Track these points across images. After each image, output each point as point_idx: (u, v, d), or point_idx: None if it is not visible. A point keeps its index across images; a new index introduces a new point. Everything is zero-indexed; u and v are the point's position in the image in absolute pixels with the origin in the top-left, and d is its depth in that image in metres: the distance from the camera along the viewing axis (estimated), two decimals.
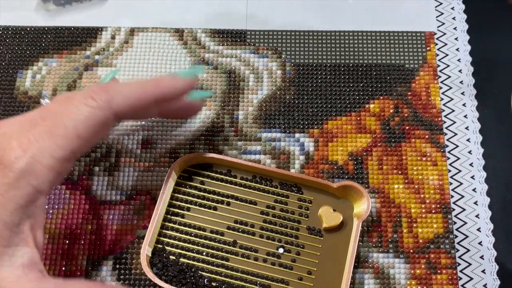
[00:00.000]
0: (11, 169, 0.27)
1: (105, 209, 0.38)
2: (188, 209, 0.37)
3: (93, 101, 0.30)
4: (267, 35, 0.44)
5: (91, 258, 0.37)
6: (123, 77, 0.43)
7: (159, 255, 0.36)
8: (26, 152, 0.28)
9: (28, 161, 0.28)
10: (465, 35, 0.44)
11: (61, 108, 0.30)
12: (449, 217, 0.38)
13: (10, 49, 0.44)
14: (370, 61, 0.43)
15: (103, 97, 0.30)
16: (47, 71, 0.43)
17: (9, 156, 0.28)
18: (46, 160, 0.28)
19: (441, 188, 0.39)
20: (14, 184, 0.27)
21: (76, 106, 0.30)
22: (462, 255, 0.37)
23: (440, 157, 0.40)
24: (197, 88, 0.42)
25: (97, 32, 0.44)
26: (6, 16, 0.45)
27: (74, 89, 0.42)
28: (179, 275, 0.35)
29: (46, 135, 0.28)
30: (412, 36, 0.44)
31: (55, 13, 0.45)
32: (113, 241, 0.37)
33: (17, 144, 0.28)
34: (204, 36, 0.44)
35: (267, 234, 0.37)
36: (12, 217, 0.27)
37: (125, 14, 0.45)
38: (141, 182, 0.39)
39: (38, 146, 0.28)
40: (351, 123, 0.41)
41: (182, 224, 0.37)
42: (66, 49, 0.44)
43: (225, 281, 0.35)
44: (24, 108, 0.41)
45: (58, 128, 0.29)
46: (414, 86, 0.42)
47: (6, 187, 0.27)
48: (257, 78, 0.43)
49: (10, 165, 0.28)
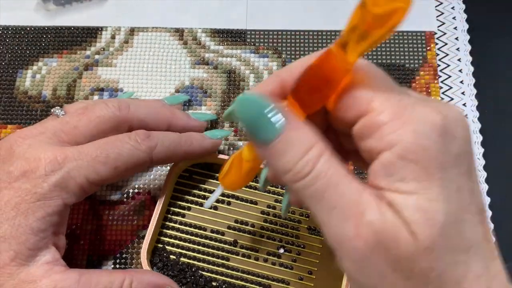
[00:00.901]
0: (45, 180, 0.29)
1: (105, 209, 0.38)
2: (188, 208, 0.37)
3: (137, 143, 0.32)
4: (267, 35, 0.44)
5: (91, 258, 0.37)
6: (123, 77, 0.43)
7: (160, 255, 0.36)
8: (62, 167, 0.30)
9: (64, 176, 0.30)
10: (465, 34, 0.44)
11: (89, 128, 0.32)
12: None
13: (10, 49, 0.44)
14: (370, 61, 0.43)
15: (147, 143, 0.32)
16: (47, 71, 0.43)
17: (43, 167, 0.30)
18: (80, 179, 0.30)
19: None
20: (46, 195, 0.29)
21: (120, 141, 0.32)
22: None
23: None
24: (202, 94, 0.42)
25: (97, 32, 0.44)
26: (6, 16, 0.45)
27: (74, 89, 0.42)
28: (180, 275, 0.35)
29: (87, 156, 0.31)
30: (412, 35, 0.44)
31: (55, 13, 0.45)
32: (113, 241, 0.37)
33: (53, 157, 0.30)
34: (204, 36, 0.44)
35: (268, 234, 0.37)
36: (39, 223, 0.29)
37: (125, 14, 0.45)
38: (141, 182, 0.39)
39: (76, 164, 0.30)
40: None
41: (183, 224, 0.37)
42: (66, 48, 0.44)
43: (225, 281, 0.35)
44: (24, 108, 0.41)
45: (101, 154, 0.31)
46: (414, 86, 0.42)
47: (38, 197, 0.29)
48: (257, 78, 0.43)
49: (45, 177, 0.30)
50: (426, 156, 0.20)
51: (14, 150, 0.31)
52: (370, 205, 0.21)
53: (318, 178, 0.22)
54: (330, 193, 0.21)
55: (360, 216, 0.21)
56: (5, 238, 0.29)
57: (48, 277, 0.29)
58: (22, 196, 0.29)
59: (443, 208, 0.20)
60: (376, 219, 0.20)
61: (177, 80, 0.43)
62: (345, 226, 0.21)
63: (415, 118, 0.21)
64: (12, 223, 0.29)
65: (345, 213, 0.21)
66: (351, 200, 0.21)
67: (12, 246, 0.28)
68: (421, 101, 0.22)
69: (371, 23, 0.20)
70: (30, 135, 0.31)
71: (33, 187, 0.29)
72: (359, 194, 0.21)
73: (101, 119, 0.33)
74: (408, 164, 0.20)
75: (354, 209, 0.21)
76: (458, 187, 0.21)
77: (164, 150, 0.33)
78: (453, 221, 0.20)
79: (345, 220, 0.21)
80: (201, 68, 0.43)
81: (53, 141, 0.31)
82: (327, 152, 0.22)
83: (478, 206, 0.22)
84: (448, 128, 0.21)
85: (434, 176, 0.20)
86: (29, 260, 0.29)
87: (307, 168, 0.22)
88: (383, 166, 0.21)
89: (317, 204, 0.22)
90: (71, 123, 0.32)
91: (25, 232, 0.29)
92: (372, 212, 0.21)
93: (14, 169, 0.30)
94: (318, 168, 0.22)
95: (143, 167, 0.33)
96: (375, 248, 0.21)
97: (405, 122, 0.21)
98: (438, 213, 0.20)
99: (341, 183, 0.21)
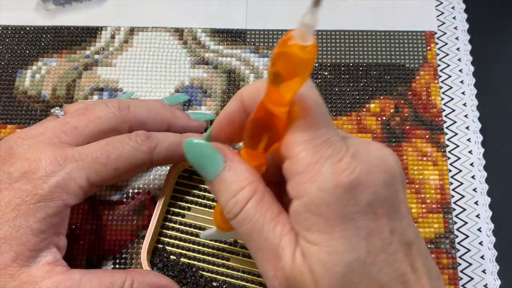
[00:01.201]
0: (46, 181, 0.29)
1: (104, 209, 0.38)
2: (188, 209, 0.37)
3: (137, 144, 0.32)
4: (267, 35, 0.44)
5: (91, 258, 0.37)
6: (122, 76, 0.43)
7: (160, 255, 0.35)
8: (63, 168, 0.30)
9: (65, 177, 0.30)
10: (465, 34, 0.44)
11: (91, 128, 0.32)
12: (450, 217, 0.38)
13: (9, 49, 0.44)
14: (370, 60, 0.43)
15: (147, 144, 0.32)
16: (47, 71, 0.43)
17: (44, 168, 0.30)
18: (80, 180, 0.30)
19: (442, 188, 0.39)
20: (47, 196, 0.29)
21: (121, 142, 0.32)
22: (463, 255, 0.37)
23: (440, 157, 0.40)
24: (200, 92, 0.42)
25: (97, 31, 0.44)
26: (5, 16, 0.45)
27: (73, 88, 0.42)
28: (180, 275, 0.35)
29: (87, 157, 0.30)
30: (412, 35, 0.44)
31: (54, 13, 0.45)
32: (112, 241, 0.37)
33: (54, 158, 0.30)
34: (204, 36, 0.44)
35: None
36: (39, 225, 0.29)
37: (124, 14, 0.45)
38: (141, 182, 0.39)
39: (76, 165, 0.30)
40: (351, 123, 0.41)
41: (183, 224, 0.37)
42: (66, 48, 0.44)
43: (226, 281, 0.35)
44: (24, 108, 0.41)
45: (101, 155, 0.31)
46: (414, 86, 0.42)
47: (38, 198, 0.29)
48: (257, 78, 0.43)
49: (45, 178, 0.29)
50: (328, 211, 0.22)
51: (14, 151, 0.31)
52: (285, 251, 0.23)
53: (245, 221, 0.24)
54: (255, 236, 0.24)
55: (277, 260, 0.23)
56: (6, 239, 0.29)
57: (50, 278, 0.29)
58: (22, 197, 0.29)
59: (343, 259, 0.22)
60: (288, 264, 0.23)
61: (177, 80, 0.42)
62: (267, 267, 0.24)
63: (323, 174, 0.22)
64: (13, 224, 0.29)
65: (267, 256, 0.24)
66: (272, 244, 0.23)
67: (13, 247, 0.28)
68: (336, 154, 0.22)
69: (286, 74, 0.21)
70: (30, 135, 0.31)
71: (34, 188, 0.29)
72: (279, 239, 0.23)
73: (101, 120, 0.32)
74: (312, 216, 0.22)
75: (273, 253, 0.23)
76: (369, 233, 0.22)
77: (164, 151, 0.33)
78: (358, 268, 0.22)
79: (267, 261, 0.24)
80: (201, 68, 0.43)
81: (53, 141, 0.31)
82: (258, 194, 0.24)
83: (402, 242, 0.23)
84: (355, 182, 0.22)
85: (336, 229, 0.22)
86: (30, 261, 0.29)
87: (236, 208, 0.24)
88: (293, 213, 0.23)
89: (247, 243, 0.24)
90: (71, 124, 0.32)
91: (26, 233, 0.29)
92: (285, 258, 0.23)
93: (14, 170, 0.30)
94: (245, 212, 0.24)
95: (143, 167, 0.33)
96: None
97: (313, 176, 0.22)
98: (337, 265, 0.22)
99: (265, 228, 0.24)
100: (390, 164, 0.23)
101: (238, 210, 0.24)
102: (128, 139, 0.32)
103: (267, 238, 0.24)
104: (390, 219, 0.23)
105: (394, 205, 0.23)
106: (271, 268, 0.24)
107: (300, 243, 0.23)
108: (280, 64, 0.21)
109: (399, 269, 0.23)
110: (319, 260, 0.22)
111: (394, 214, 0.23)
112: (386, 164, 0.23)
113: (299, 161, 0.23)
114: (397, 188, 0.23)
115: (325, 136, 0.23)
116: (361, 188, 0.22)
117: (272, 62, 0.21)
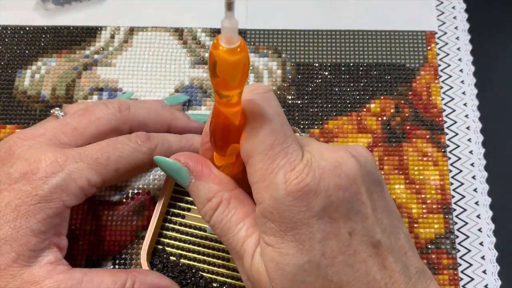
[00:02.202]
0: (46, 182, 0.29)
1: (104, 210, 0.38)
2: (188, 209, 0.37)
3: (137, 145, 0.32)
4: (267, 35, 0.44)
5: (91, 258, 0.37)
6: (122, 76, 0.42)
7: (159, 256, 0.35)
8: (63, 169, 0.30)
9: (65, 177, 0.30)
10: (466, 34, 0.44)
11: (91, 128, 0.32)
12: (450, 217, 0.38)
13: (9, 49, 0.43)
14: (371, 60, 0.43)
15: (147, 145, 0.32)
16: (46, 71, 0.43)
17: (44, 169, 0.30)
18: (80, 181, 0.30)
19: (442, 188, 0.39)
20: (47, 197, 0.29)
21: (121, 143, 0.32)
22: (463, 256, 0.37)
23: (441, 157, 0.40)
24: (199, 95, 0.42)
25: (96, 31, 0.44)
26: (5, 15, 0.45)
27: (73, 88, 0.42)
28: (180, 276, 0.35)
29: (87, 158, 0.30)
30: (413, 35, 0.44)
31: (54, 13, 0.45)
32: (112, 241, 0.37)
33: (54, 158, 0.30)
34: (204, 36, 0.44)
35: None
36: (39, 225, 0.29)
37: (124, 14, 0.45)
38: (141, 183, 0.39)
39: (77, 166, 0.30)
40: (351, 123, 0.41)
41: (183, 225, 0.36)
42: (65, 48, 0.44)
43: (226, 282, 0.35)
44: (23, 108, 0.41)
45: (101, 156, 0.31)
46: (415, 86, 0.42)
47: (38, 199, 0.29)
48: (257, 78, 0.42)
49: (45, 178, 0.29)
50: (280, 217, 0.24)
51: (14, 152, 0.31)
52: (247, 253, 0.26)
53: (215, 226, 0.27)
54: (225, 239, 0.27)
55: (241, 260, 0.26)
56: (6, 240, 0.28)
57: (51, 277, 0.29)
58: (22, 198, 0.29)
59: (294, 261, 0.24)
60: (248, 263, 0.26)
61: (177, 80, 0.42)
62: (236, 264, 0.27)
63: (275, 183, 0.24)
64: (13, 225, 0.29)
65: (235, 255, 0.27)
66: (236, 246, 0.26)
67: (14, 248, 0.28)
68: (290, 164, 0.24)
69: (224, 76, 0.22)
70: (30, 136, 0.31)
71: (34, 189, 0.29)
72: (242, 241, 0.26)
73: (101, 121, 0.32)
74: (268, 222, 0.24)
75: (238, 253, 0.26)
76: (324, 236, 0.24)
77: (164, 152, 0.33)
78: (312, 269, 0.24)
79: (235, 259, 0.27)
80: (201, 67, 0.43)
81: (53, 142, 0.31)
82: (224, 202, 0.27)
83: (365, 242, 0.24)
84: (307, 189, 0.24)
85: (287, 233, 0.24)
86: (31, 261, 0.29)
87: (206, 217, 0.28)
88: (256, 216, 0.25)
89: (222, 242, 0.28)
90: (71, 125, 0.32)
91: (26, 234, 0.29)
92: (246, 258, 0.26)
93: (14, 170, 0.30)
94: (214, 219, 0.27)
95: (143, 168, 0.33)
96: (251, 286, 0.26)
97: (267, 185, 0.24)
98: (288, 266, 0.24)
99: (230, 232, 0.27)
100: (345, 167, 0.24)
101: (208, 218, 0.27)
102: (128, 140, 0.32)
103: (232, 241, 0.26)
104: (348, 221, 0.24)
105: (353, 207, 0.24)
106: (239, 266, 0.27)
107: (260, 243, 0.25)
108: (216, 68, 0.22)
109: (361, 269, 0.24)
110: (272, 260, 0.24)
111: (353, 216, 0.24)
112: (340, 167, 0.24)
113: (256, 171, 0.25)
114: (356, 189, 0.24)
115: (282, 146, 0.24)
116: (313, 194, 0.24)
117: (209, 65, 0.22)
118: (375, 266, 0.24)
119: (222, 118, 0.25)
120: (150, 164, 0.33)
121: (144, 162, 0.32)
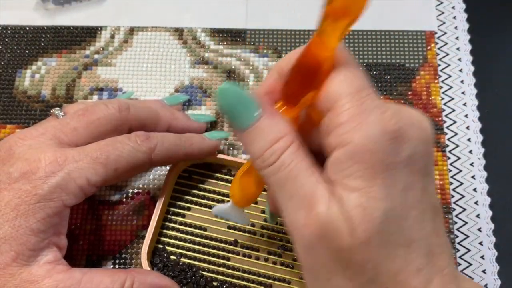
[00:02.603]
0: (45, 182, 0.29)
1: (104, 209, 0.38)
2: (188, 208, 0.37)
3: (137, 144, 0.32)
4: (267, 34, 0.44)
5: (91, 258, 0.37)
6: (122, 76, 0.42)
7: (160, 255, 0.35)
8: (62, 168, 0.30)
9: (64, 177, 0.30)
10: (465, 34, 0.44)
11: (91, 129, 0.32)
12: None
13: (9, 49, 0.43)
14: (370, 60, 0.43)
15: (147, 144, 0.32)
16: (46, 71, 0.43)
17: (43, 168, 0.30)
18: (80, 180, 0.30)
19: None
20: (46, 197, 0.29)
21: (120, 142, 0.32)
22: (463, 255, 0.37)
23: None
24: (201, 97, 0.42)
25: (97, 31, 0.44)
26: (5, 15, 0.45)
27: (73, 88, 0.42)
28: (180, 275, 0.35)
29: (87, 158, 0.30)
30: (412, 35, 0.44)
31: (54, 13, 0.45)
32: (112, 241, 0.37)
33: (53, 158, 0.30)
34: (204, 36, 0.44)
35: (268, 233, 0.36)
36: (39, 225, 0.29)
37: (124, 14, 0.45)
38: (141, 182, 0.39)
39: (76, 166, 0.30)
40: None
41: (183, 224, 0.37)
42: (65, 48, 0.44)
43: (226, 281, 0.35)
44: (23, 108, 0.41)
45: (101, 156, 0.31)
46: (414, 86, 0.42)
47: (38, 198, 0.29)
48: (257, 78, 0.43)
49: (45, 178, 0.29)
50: (371, 159, 0.22)
51: (14, 151, 0.31)
52: (321, 199, 0.23)
53: (280, 168, 0.24)
54: (290, 183, 0.23)
55: (311, 208, 0.23)
56: (6, 239, 0.29)
57: (50, 276, 0.29)
58: (22, 198, 0.29)
59: (382, 206, 0.22)
60: (323, 212, 0.22)
61: (177, 79, 0.42)
62: (298, 215, 0.23)
63: (369, 123, 0.22)
64: (13, 224, 0.29)
65: (300, 203, 0.23)
66: (306, 192, 0.23)
67: (13, 247, 0.28)
68: (381, 107, 0.23)
69: (339, 13, 0.22)
70: (30, 136, 0.31)
71: (33, 188, 0.29)
72: (314, 187, 0.23)
73: (101, 121, 0.32)
74: (355, 164, 0.22)
75: (307, 201, 0.23)
76: (405, 186, 0.22)
77: (164, 151, 0.33)
78: (392, 218, 0.22)
79: (298, 209, 0.23)
80: (201, 67, 0.43)
81: (53, 142, 0.31)
82: (294, 145, 0.24)
83: (431, 203, 0.23)
84: (400, 132, 0.22)
85: (378, 176, 0.22)
86: (30, 260, 0.29)
87: (273, 157, 0.24)
88: (335, 162, 0.23)
89: (279, 191, 0.24)
90: (71, 125, 0.32)
91: (26, 233, 0.29)
92: (321, 205, 0.22)
93: (14, 170, 0.30)
94: (282, 159, 0.24)
95: (143, 168, 0.33)
96: (320, 238, 0.23)
97: (359, 125, 0.22)
98: (376, 210, 0.22)
99: (300, 176, 0.23)
100: (427, 125, 0.24)
101: (274, 159, 0.24)
102: (127, 140, 0.32)
103: (302, 185, 0.23)
104: (423, 177, 0.23)
105: (428, 164, 0.23)
106: (302, 217, 0.23)
107: (338, 192, 0.23)
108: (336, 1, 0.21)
109: (426, 228, 0.23)
110: (359, 205, 0.22)
111: (426, 174, 0.23)
112: (424, 123, 0.24)
113: (343, 111, 0.23)
114: (431, 149, 0.24)
115: (369, 91, 0.23)
116: (405, 139, 0.22)
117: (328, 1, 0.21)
118: (434, 232, 0.23)
119: (312, 60, 0.23)
120: (149, 164, 0.33)
121: (143, 162, 0.32)
